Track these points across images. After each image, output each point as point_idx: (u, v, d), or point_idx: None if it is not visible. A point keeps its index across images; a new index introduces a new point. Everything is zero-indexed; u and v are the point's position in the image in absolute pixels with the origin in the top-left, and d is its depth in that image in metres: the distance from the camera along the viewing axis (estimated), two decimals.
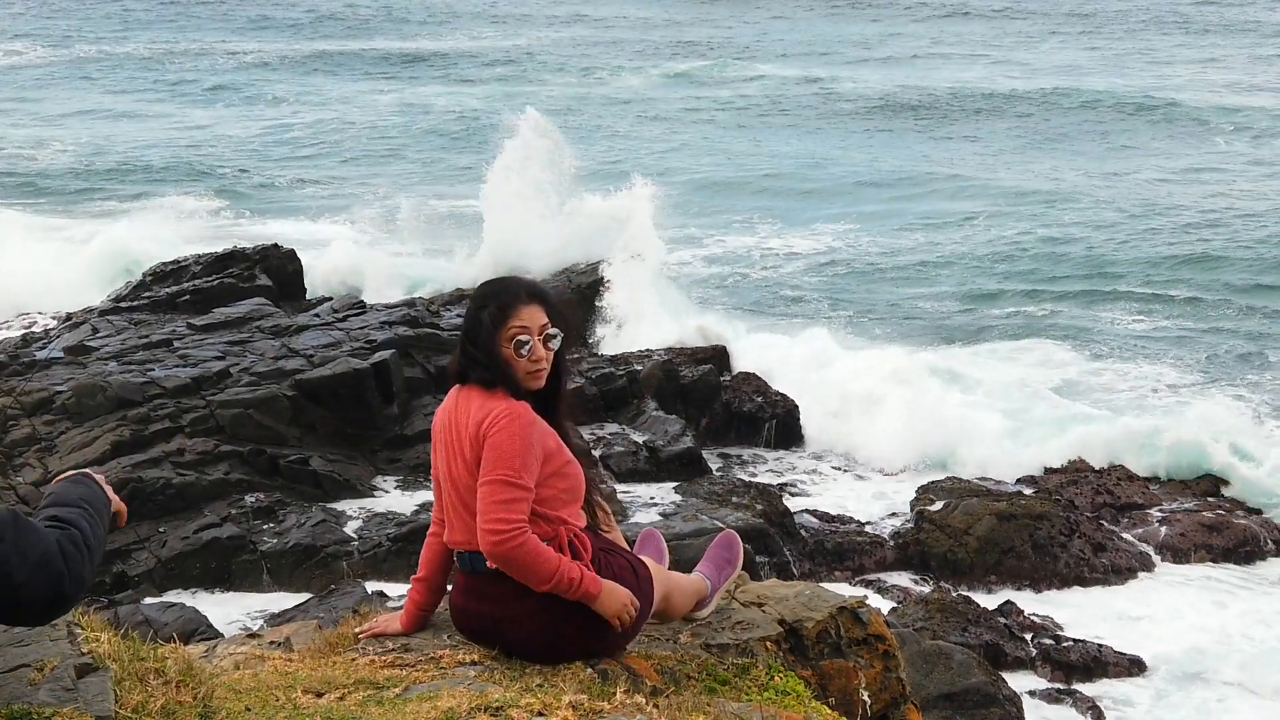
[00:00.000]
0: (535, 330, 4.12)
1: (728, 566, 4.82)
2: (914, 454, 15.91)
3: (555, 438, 4.14)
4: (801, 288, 23.52)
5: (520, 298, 4.14)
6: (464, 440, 4.06)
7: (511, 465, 3.96)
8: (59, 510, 3.15)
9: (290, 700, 3.75)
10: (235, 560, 12.26)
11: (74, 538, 3.06)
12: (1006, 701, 10.00)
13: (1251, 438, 15.68)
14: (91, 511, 3.18)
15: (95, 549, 3.11)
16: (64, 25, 62.77)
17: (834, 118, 40.23)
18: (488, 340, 4.10)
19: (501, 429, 3.98)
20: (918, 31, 62.73)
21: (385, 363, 14.72)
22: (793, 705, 4.28)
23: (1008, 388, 17.63)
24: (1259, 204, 28.60)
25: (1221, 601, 12.79)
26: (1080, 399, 17.51)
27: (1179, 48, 55.14)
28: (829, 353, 18.32)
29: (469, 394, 4.12)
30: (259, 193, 30.02)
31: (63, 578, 2.99)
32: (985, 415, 16.45)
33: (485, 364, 4.10)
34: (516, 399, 4.07)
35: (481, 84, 46.28)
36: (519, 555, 3.94)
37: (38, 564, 2.95)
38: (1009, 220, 27.46)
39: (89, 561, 3.07)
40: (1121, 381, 18.35)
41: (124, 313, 17.56)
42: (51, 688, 3.12)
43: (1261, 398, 17.52)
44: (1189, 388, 18.03)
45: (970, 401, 16.95)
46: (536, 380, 4.14)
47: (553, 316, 4.18)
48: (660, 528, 12.52)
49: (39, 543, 2.97)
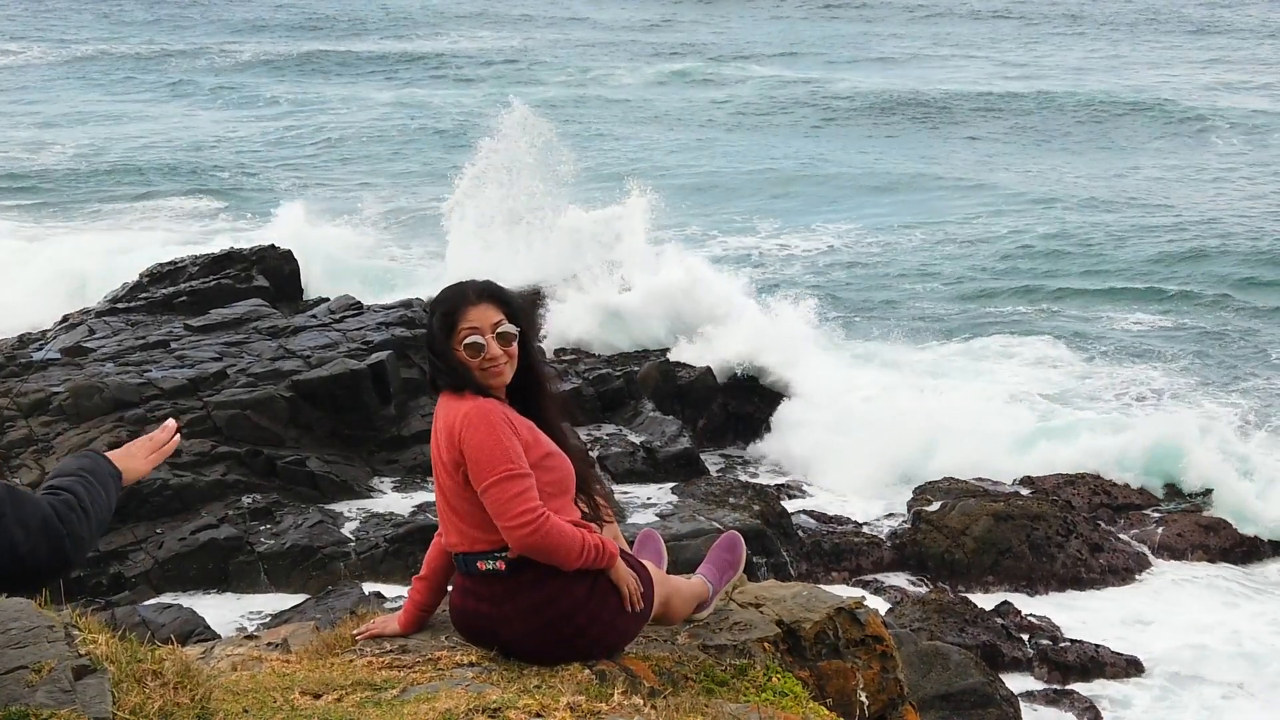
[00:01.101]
0: (487, 329, 4.14)
1: (729, 569, 4.82)
2: (892, 475, 15.30)
3: (530, 429, 4.15)
4: (800, 285, 23.54)
5: (468, 299, 4.18)
6: (441, 446, 4.11)
7: (503, 459, 3.98)
8: (55, 480, 3.26)
9: (288, 701, 3.75)
10: (232, 561, 12.25)
11: (67, 501, 3.15)
12: (1004, 702, 10.01)
13: (1237, 456, 15.24)
14: (90, 479, 3.27)
15: (93, 512, 3.20)
16: (59, 25, 62.80)
17: (832, 118, 40.27)
18: (442, 346, 4.15)
19: (470, 430, 4.01)
20: (916, 32, 62.79)
21: (382, 364, 14.72)
22: (790, 706, 4.28)
23: (990, 399, 17.13)
24: (1256, 204, 28.68)
25: (1220, 602, 12.79)
26: (1069, 406, 17.40)
27: (1177, 48, 55.22)
28: (821, 367, 17.57)
29: (445, 400, 4.16)
30: (257, 195, 29.99)
31: (63, 540, 3.08)
32: (967, 432, 15.76)
33: (445, 370, 4.14)
34: (485, 398, 4.10)
35: (480, 83, 46.33)
36: (550, 537, 3.98)
37: (39, 531, 3.04)
38: (1007, 220, 27.51)
39: (86, 523, 3.16)
40: (1109, 389, 18.28)
41: (121, 314, 17.55)
42: (49, 689, 3.12)
43: (1251, 403, 17.47)
44: (1184, 394, 17.99)
45: (955, 415, 16.17)
46: (497, 378, 4.16)
47: (508, 313, 4.20)
48: (658, 528, 12.52)
49: (36, 511, 3.07)
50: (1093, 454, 15.35)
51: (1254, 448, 15.49)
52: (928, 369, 18.36)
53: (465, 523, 4.12)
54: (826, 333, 19.32)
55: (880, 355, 18.64)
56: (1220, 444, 15.36)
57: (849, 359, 18.53)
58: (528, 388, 4.26)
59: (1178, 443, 15.22)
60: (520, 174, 21.98)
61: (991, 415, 16.41)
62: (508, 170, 22.06)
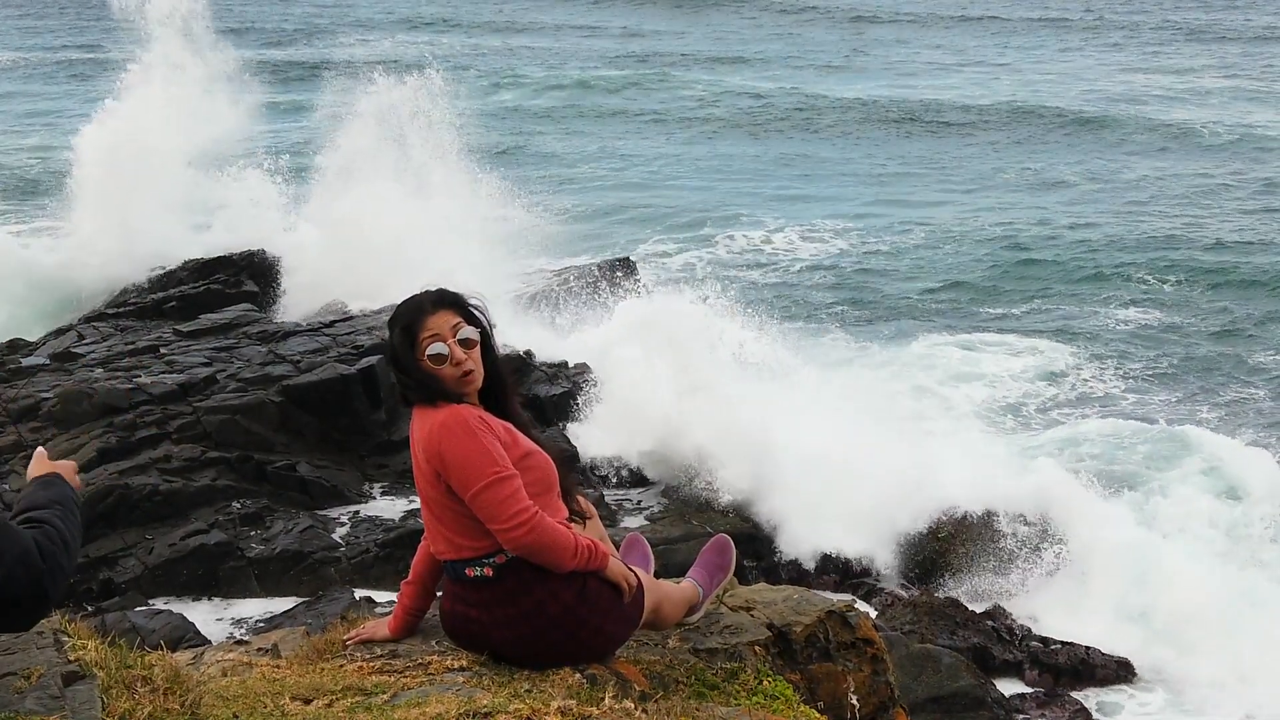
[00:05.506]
0: (447, 334, 4.13)
1: (720, 572, 4.81)
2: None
3: (507, 430, 4.14)
4: (799, 287, 23.66)
5: (424, 309, 4.17)
6: (421, 458, 4.09)
7: (489, 464, 3.97)
8: (33, 513, 3.20)
9: (278, 707, 3.75)
10: (223, 567, 12.21)
11: (50, 535, 3.10)
12: (995, 704, 10.03)
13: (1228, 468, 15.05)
14: (64, 511, 3.23)
15: (72, 545, 3.16)
16: (47, 26, 62.62)
17: (825, 124, 40.34)
18: (407, 361, 4.13)
19: (449, 440, 3.99)
20: (915, 39, 62.90)
21: (373, 368, 14.68)
22: (781, 709, 4.28)
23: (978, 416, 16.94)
24: (1250, 204, 28.86)
25: (1217, 602, 12.77)
26: (1059, 416, 17.43)
27: (1177, 56, 55.35)
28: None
29: (419, 413, 4.14)
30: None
31: (42, 575, 3.02)
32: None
33: (415, 384, 4.12)
34: (458, 404, 4.09)
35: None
36: (545, 535, 3.97)
37: (17, 561, 2.98)
38: (1004, 222, 27.63)
39: (66, 557, 3.11)
40: (1100, 390, 18.37)
41: (110, 319, 17.52)
42: (39, 696, 3.12)
43: (1243, 409, 17.56)
44: (1179, 400, 18.11)
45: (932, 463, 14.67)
46: (470, 383, 4.14)
47: (465, 316, 4.19)
48: (648, 532, 12.53)
49: (17, 541, 3.01)
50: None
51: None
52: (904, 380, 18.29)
53: (451, 531, 4.11)
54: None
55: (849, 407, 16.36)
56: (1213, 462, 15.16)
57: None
58: (495, 389, 4.24)
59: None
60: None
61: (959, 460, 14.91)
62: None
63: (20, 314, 18.95)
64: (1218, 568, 13.29)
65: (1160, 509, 14.47)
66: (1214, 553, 13.60)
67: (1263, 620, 12.28)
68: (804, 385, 16.29)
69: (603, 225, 28.10)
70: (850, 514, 13.56)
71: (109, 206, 19.88)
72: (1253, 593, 12.81)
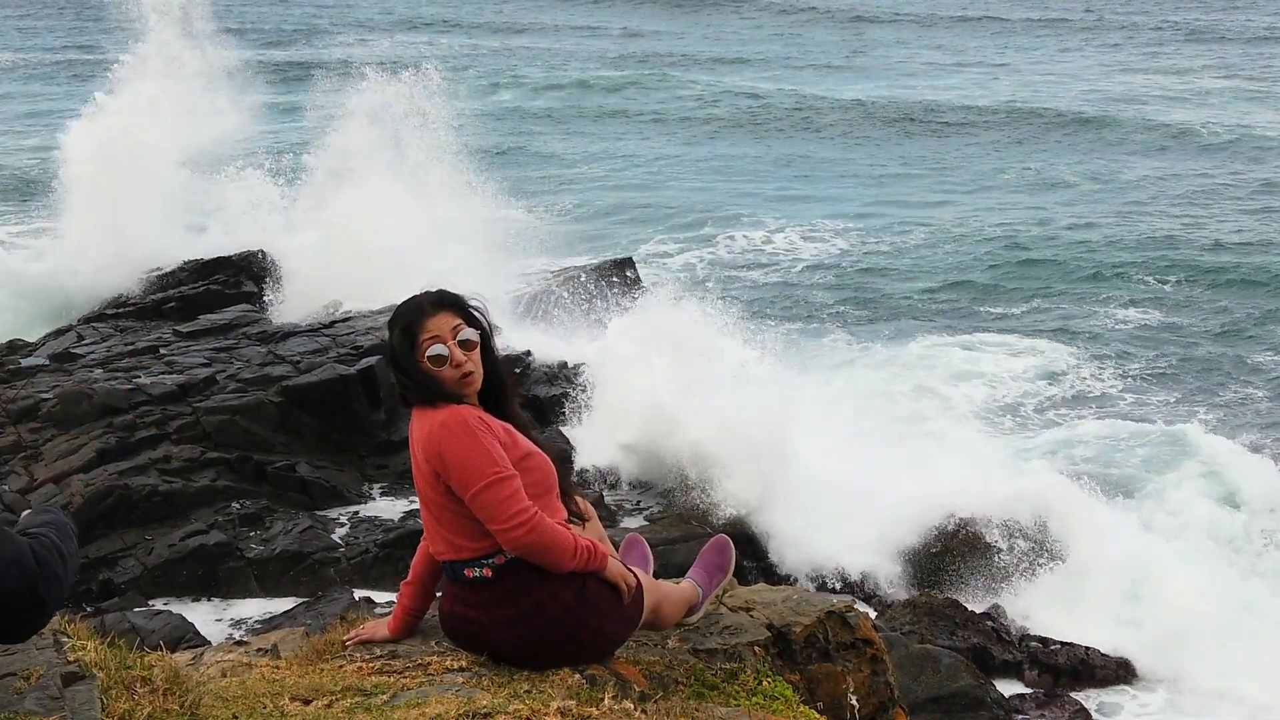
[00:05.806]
0: (447, 336, 4.13)
1: (719, 573, 4.81)
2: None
3: (507, 431, 4.14)
4: (800, 287, 23.66)
5: (424, 311, 4.17)
6: (420, 459, 4.09)
7: (489, 464, 3.97)
8: (29, 529, 3.24)
9: (278, 708, 3.75)
10: (222, 567, 12.21)
11: (44, 543, 3.13)
12: (995, 705, 10.02)
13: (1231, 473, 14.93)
14: (59, 531, 3.26)
15: (68, 559, 3.18)
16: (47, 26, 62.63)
17: (825, 124, 40.34)
18: (408, 362, 4.14)
19: (448, 440, 4.00)
20: (915, 39, 62.90)
21: (372, 369, 14.67)
22: (781, 710, 4.28)
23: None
24: (1249, 204, 28.85)
25: (1216, 603, 12.76)
26: (1056, 421, 17.40)
27: (1176, 56, 55.36)
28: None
29: (418, 414, 4.14)
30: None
31: (35, 577, 3.04)
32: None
33: (415, 385, 4.12)
34: (458, 405, 4.09)
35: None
36: (545, 536, 3.97)
37: (12, 562, 3.00)
38: (1004, 222, 27.63)
39: (63, 567, 3.13)
40: (1098, 389, 18.35)
41: (109, 320, 17.51)
42: (38, 696, 3.12)
43: (1241, 413, 17.54)
44: (1179, 400, 18.10)
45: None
46: (470, 384, 4.14)
47: (465, 318, 4.19)
48: (647, 532, 12.52)
49: (11, 544, 3.04)
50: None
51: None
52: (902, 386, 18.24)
53: (450, 532, 4.11)
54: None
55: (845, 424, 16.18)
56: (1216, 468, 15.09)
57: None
58: (494, 390, 4.24)
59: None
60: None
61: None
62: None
63: (11, 323, 18.49)
64: (1216, 572, 13.28)
65: (1158, 513, 14.47)
66: (1212, 557, 13.57)
67: (1263, 625, 12.26)
68: (803, 399, 15.82)
69: (603, 225, 28.09)
70: (850, 534, 13.38)
71: (100, 208, 19.41)
72: (1251, 599, 12.78)
